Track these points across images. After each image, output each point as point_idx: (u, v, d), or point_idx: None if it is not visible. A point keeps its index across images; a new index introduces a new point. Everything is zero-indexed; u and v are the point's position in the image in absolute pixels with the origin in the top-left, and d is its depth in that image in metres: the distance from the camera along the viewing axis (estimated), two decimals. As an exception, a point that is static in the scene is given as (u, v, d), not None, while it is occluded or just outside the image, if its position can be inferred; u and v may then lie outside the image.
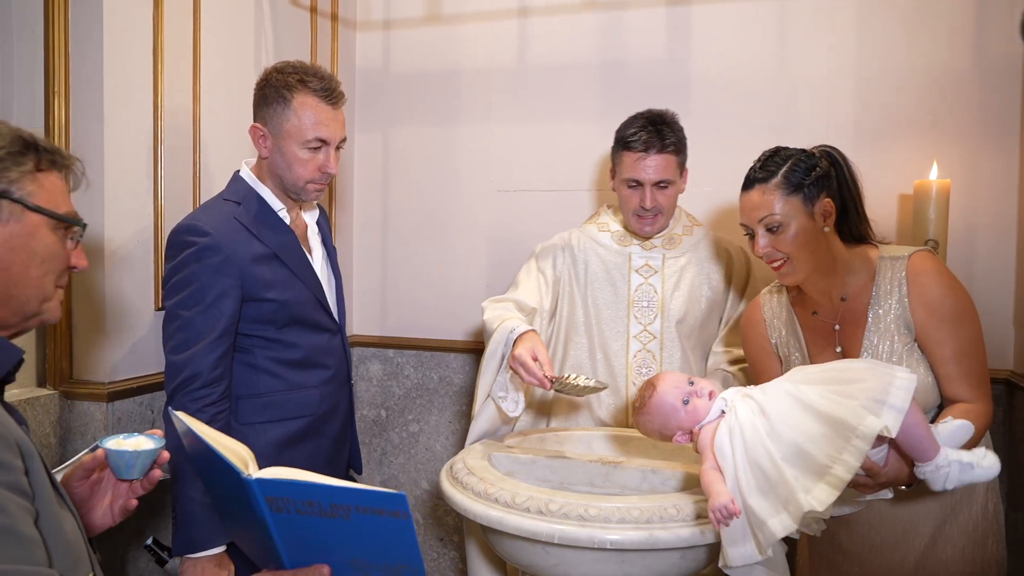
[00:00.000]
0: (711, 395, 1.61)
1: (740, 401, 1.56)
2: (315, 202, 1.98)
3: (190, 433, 1.19)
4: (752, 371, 1.97)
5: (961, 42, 2.37)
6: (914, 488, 1.57)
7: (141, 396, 2.01)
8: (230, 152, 2.32)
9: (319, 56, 2.70)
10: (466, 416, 2.91)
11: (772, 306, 1.89)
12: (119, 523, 1.29)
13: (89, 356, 1.95)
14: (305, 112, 1.80)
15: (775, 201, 1.68)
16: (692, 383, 1.64)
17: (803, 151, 1.74)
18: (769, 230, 1.70)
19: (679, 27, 2.61)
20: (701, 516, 1.56)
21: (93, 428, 1.91)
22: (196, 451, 1.23)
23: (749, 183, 1.74)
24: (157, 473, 1.27)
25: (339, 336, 1.99)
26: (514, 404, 1.97)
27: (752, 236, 1.75)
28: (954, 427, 1.52)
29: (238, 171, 1.90)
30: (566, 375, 1.89)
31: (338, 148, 1.87)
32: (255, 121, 1.85)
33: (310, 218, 1.98)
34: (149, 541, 1.72)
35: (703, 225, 2.30)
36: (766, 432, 1.46)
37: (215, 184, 2.25)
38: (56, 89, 1.87)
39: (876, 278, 1.72)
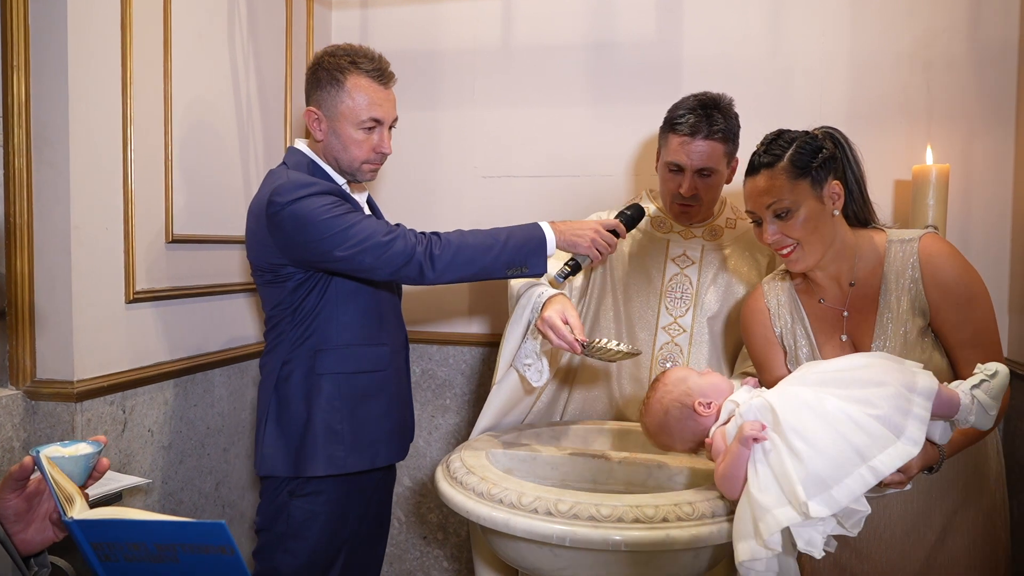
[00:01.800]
0: (724, 377, 1.62)
1: (751, 402, 1.51)
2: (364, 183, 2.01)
3: (41, 470, 1.11)
4: (755, 362, 1.91)
5: (956, 26, 2.34)
6: (936, 472, 1.54)
7: (112, 395, 1.87)
8: (203, 132, 2.19)
9: (294, 35, 2.57)
10: (449, 410, 2.83)
11: (776, 294, 1.83)
12: (62, 539, 1.18)
13: (55, 352, 1.80)
14: (359, 93, 1.84)
15: (783, 186, 1.63)
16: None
17: (807, 133, 1.69)
18: (778, 216, 1.64)
19: (670, 8, 2.54)
20: (716, 514, 1.50)
21: (60, 431, 1.77)
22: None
23: (754, 168, 1.68)
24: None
25: (399, 300, 2.08)
26: (538, 374, 1.87)
27: (759, 223, 1.69)
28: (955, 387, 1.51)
29: (292, 146, 1.95)
30: (597, 339, 1.80)
31: (391, 128, 1.91)
32: (308, 105, 1.90)
33: (360, 199, 1.99)
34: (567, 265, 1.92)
35: (747, 218, 2.21)
36: (777, 439, 1.42)
37: (189, 166, 2.12)
38: (15, 63, 1.72)
39: (886, 262, 1.68)
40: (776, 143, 1.67)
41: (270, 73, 2.48)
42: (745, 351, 2.13)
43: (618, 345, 1.78)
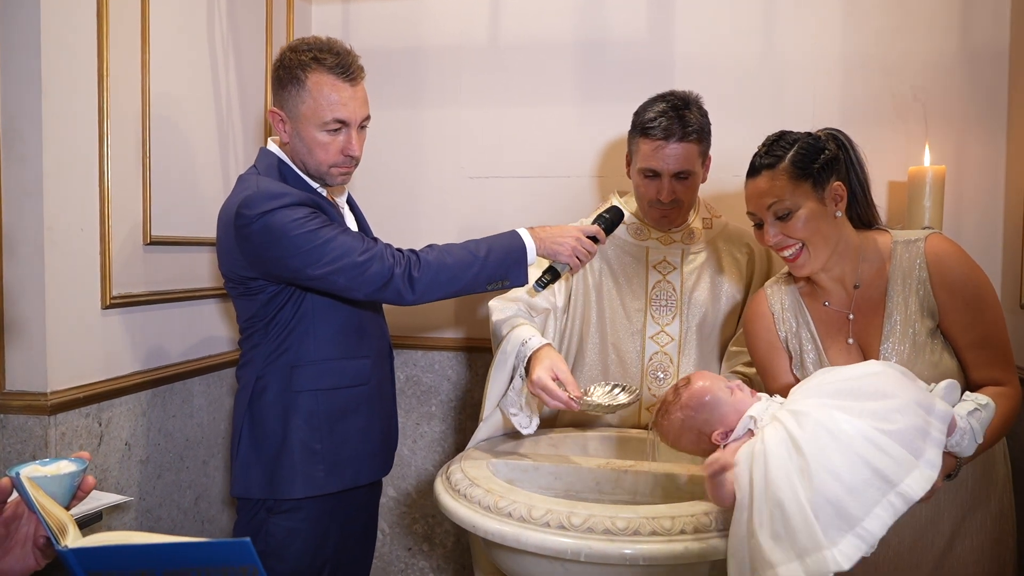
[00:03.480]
0: (753, 393, 1.51)
1: (769, 423, 1.42)
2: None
3: (24, 494, 1.01)
4: (759, 368, 1.87)
5: (947, 27, 2.34)
6: (954, 477, 1.50)
7: (88, 407, 1.76)
8: (183, 127, 2.09)
9: (274, 30, 2.47)
10: (435, 417, 2.75)
11: (780, 298, 1.80)
12: (44, 566, 1.08)
13: (26, 362, 1.68)
14: (321, 92, 1.71)
15: (784, 187, 1.60)
16: (728, 380, 1.55)
17: (809, 134, 1.66)
18: (779, 218, 1.61)
19: (662, 6, 2.50)
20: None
21: (33, 446, 1.66)
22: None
23: (755, 170, 1.65)
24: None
25: (381, 309, 1.97)
26: (527, 421, 1.80)
27: (760, 225, 1.66)
28: (944, 388, 1.44)
29: (264, 147, 1.82)
30: (592, 389, 1.73)
31: (362, 127, 1.78)
32: (273, 105, 1.77)
33: (340, 200, 1.89)
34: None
35: (722, 216, 2.18)
36: (799, 470, 1.30)
37: (167, 164, 2.02)
38: (-18, 52, 1.61)
39: (891, 263, 1.65)
40: (778, 144, 1.64)
41: (250, 69, 2.38)
42: (731, 349, 2.10)
43: (614, 393, 1.71)
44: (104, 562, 0.93)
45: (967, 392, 1.46)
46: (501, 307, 1.96)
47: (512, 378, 1.81)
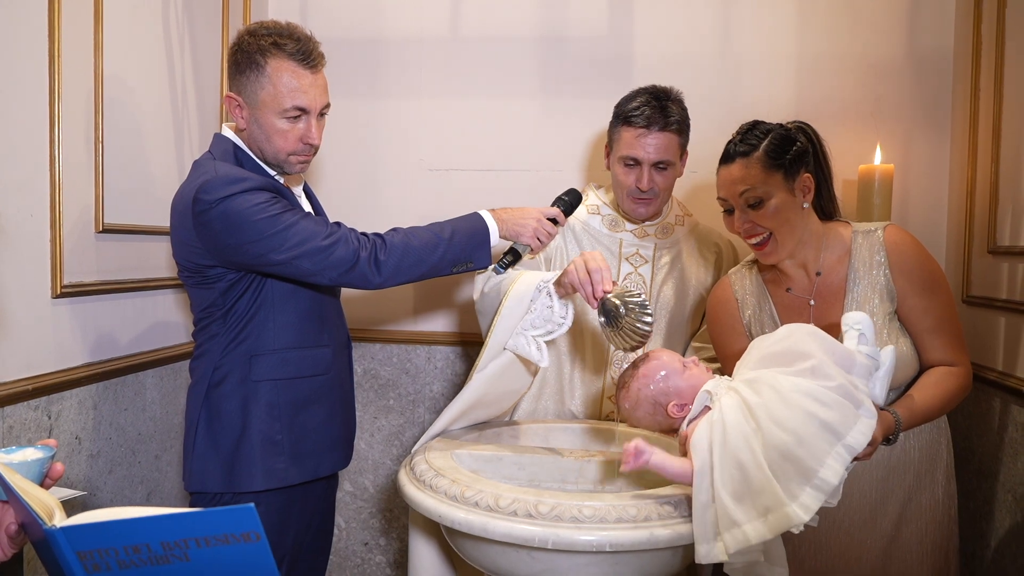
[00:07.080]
0: (708, 369, 1.58)
1: (725, 394, 1.49)
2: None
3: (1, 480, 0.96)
4: (719, 353, 1.91)
5: (896, 31, 2.42)
6: (894, 442, 1.57)
7: (37, 400, 1.69)
8: (136, 111, 2.03)
9: (231, 16, 2.42)
10: (393, 411, 2.73)
11: (744, 284, 1.85)
12: (11, 557, 1.05)
13: (-29, 353, 1.62)
14: (281, 79, 1.67)
15: (757, 175, 1.66)
16: (685, 358, 1.64)
17: (781, 126, 1.74)
18: (750, 205, 1.67)
19: (622, 3, 2.53)
20: (697, 511, 1.47)
21: (-22, 439, 1.59)
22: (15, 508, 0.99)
23: (729, 157, 1.71)
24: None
25: (340, 297, 1.95)
26: (539, 354, 1.74)
27: (730, 212, 1.71)
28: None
29: (218, 133, 1.77)
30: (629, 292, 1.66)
31: (322, 115, 1.75)
32: (229, 90, 1.74)
33: (296, 189, 1.85)
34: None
35: (693, 215, 2.21)
36: (753, 431, 1.38)
37: (120, 149, 1.95)
38: (-74, 28, 1.54)
39: (852, 251, 1.72)
40: (752, 133, 1.70)
41: (206, 54, 2.33)
42: (694, 345, 2.14)
43: (640, 310, 1.63)
44: (96, 539, 0.89)
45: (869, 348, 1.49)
46: (490, 277, 1.91)
47: (528, 309, 1.75)
